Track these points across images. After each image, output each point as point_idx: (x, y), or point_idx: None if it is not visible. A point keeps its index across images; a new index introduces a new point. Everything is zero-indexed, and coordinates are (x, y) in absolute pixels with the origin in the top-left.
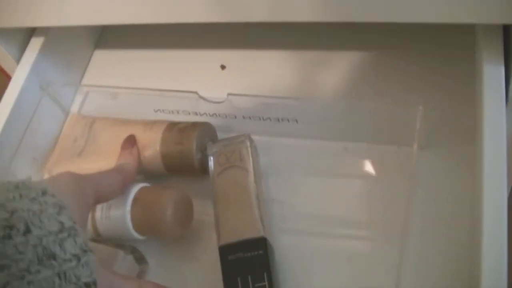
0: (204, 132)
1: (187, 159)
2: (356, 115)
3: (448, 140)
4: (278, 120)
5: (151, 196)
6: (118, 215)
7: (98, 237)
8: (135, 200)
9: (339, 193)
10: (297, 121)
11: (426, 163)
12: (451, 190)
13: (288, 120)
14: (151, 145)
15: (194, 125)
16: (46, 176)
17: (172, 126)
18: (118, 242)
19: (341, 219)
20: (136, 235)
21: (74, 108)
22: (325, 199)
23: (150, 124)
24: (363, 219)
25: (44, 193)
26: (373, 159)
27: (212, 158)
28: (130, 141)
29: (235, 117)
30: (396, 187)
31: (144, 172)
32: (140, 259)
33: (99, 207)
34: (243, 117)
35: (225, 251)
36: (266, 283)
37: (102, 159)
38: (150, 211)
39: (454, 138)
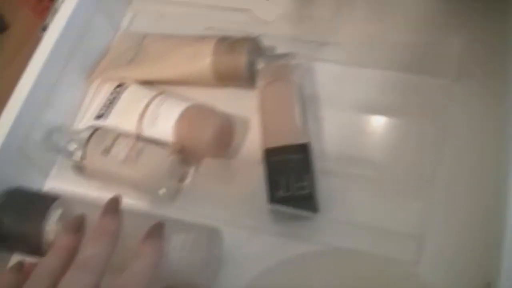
0: (254, 45)
1: (237, 69)
2: (392, 44)
3: (481, 74)
4: (321, 44)
5: (197, 115)
6: (162, 126)
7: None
8: (181, 116)
9: (369, 129)
10: (339, 46)
11: (458, 96)
12: (480, 125)
13: (331, 45)
14: (202, 55)
15: (246, 38)
16: (93, 85)
17: (223, 39)
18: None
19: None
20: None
21: (124, 26)
22: (354, 135)
23: (201, 37)
24: (392, 158)
25: None
26: (405, 89)
27: (260, 71)
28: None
29: (283, 37)
30: (426, 120)
31: (192, 84)
32: (184, 162)
33: (147, 115)
34: (290, 39)
35: (269, 153)
36: (307, 182)
37: (150, 66)
38: (194, 129)
39: (487, 72)
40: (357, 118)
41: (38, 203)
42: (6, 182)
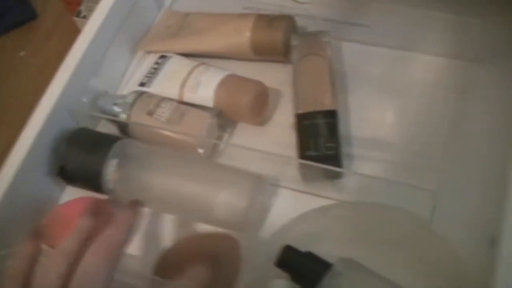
0: (290, 23)
1: (274, 44)
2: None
3: (502, 56)
4: (351, 24)
5: (236, 82)
6: (203, 93)
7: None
8: (221, 83)
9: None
10: (367, 27)
11: (477, 77)
12: (500, 106)
13: (360, 26)
14: (242, 30)
15: (283, 16)
16: (137, 56)
17: (263, 16)
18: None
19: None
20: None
21: (167, 5)
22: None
23: (241, 15)
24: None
25: None
26: (427, 68)
27: (294, 47)
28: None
29: (316, 18)
30: (446, 99)
31: (231, 56)
32: (222, 126)
33: (188, 82)
34: (323, 20)
35: (302, 117)
36: (334, 144)
37: (193, 40)
38: (232, 96)
39: (506, 55)
40: (378, 96)
41: (103, 139)
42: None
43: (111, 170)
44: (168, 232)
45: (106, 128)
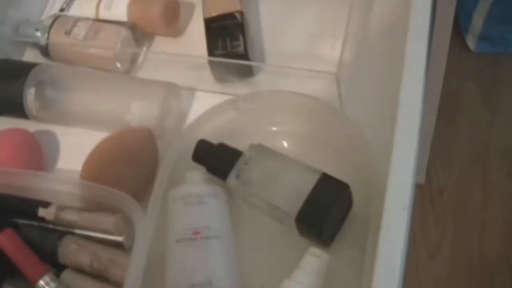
0: None
1: None
2: None
3: None
4: None
5: None
6: (117, 9)
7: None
8: None
9: None
10: None
11: None
12: None
13: None
14: None
15: None
16: None
17: None
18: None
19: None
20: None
21: None
22: None
23: None
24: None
25: None
26: None
27: None
28: None
29: None
30: None
31: None
32: (138, 40)
33: (103, 2)
34: None
35: (209, 21)
36: (241, 42)
37: None
38: (144, 8)
39: None
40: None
41: (21, 68)
42: None
43: (30, 99)
44: None
45: (31, 56)
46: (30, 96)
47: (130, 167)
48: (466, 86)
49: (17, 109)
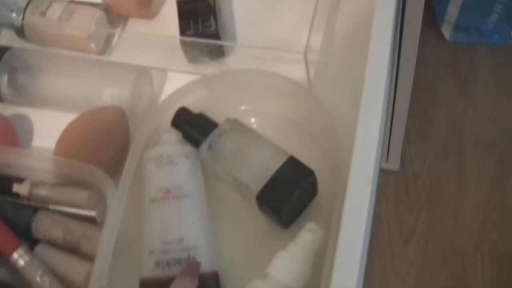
0: None
1: None
2: None
3: None
4: None
5: None
6: None
7: None
8: None
9: None
10: None
11: None
12: None
13: None
14: None
15: None
16: None
17: None
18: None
19: None
20: None
21: None
22: None
23: None
24: None
25: None
26: None
27: None
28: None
29: None
30: None
31: None
32: (112, 21)
33: None
34: None
35: (182, 3)
36: (212, 23)
37: None
38: None
39: None
40: None
41: None
42: None
43: (4, 86)
44: None
45: (7, 37)
46: (3, 83)
47: (102, 142)
48: (441, 75)
49: None
